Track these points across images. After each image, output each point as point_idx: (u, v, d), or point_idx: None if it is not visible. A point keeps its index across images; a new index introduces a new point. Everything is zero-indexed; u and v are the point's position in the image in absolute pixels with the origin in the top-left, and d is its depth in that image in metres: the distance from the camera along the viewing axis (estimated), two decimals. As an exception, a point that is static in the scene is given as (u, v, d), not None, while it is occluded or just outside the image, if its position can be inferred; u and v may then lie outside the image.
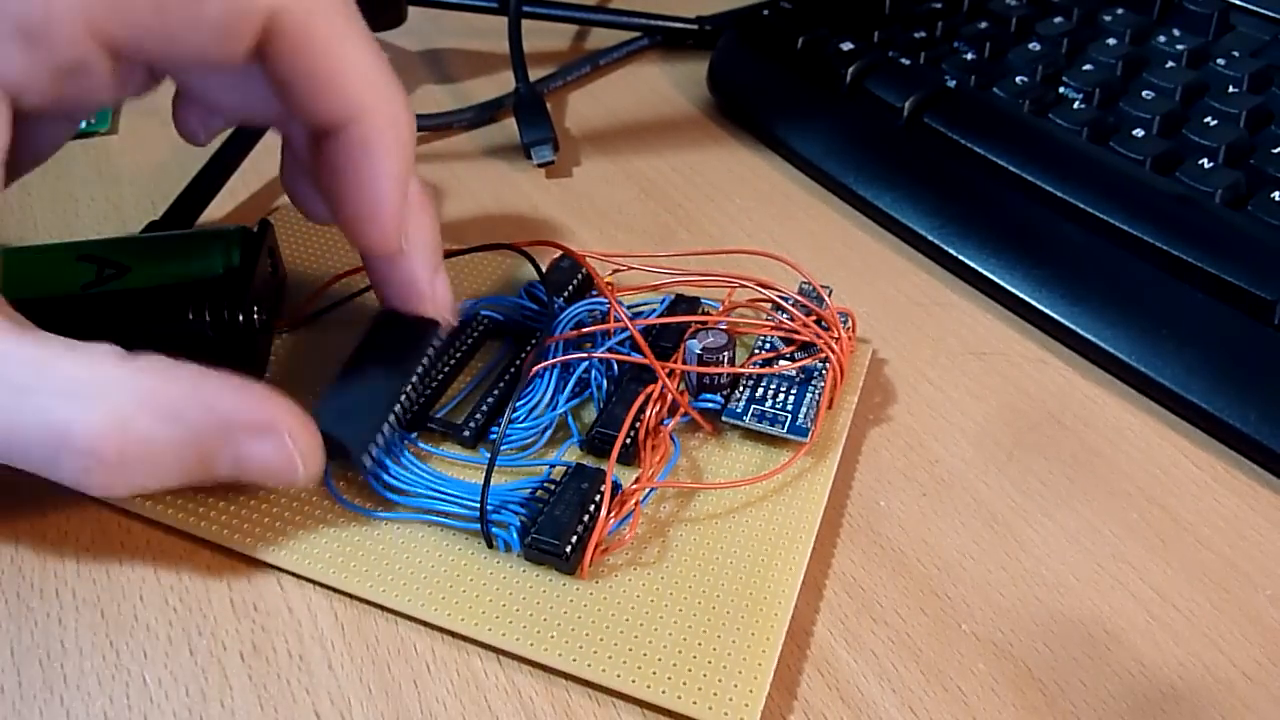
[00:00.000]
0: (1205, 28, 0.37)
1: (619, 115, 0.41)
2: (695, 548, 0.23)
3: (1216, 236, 0.28)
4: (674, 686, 0.20)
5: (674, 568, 0.22)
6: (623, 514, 0.22)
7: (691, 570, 0.22)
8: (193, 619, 0.22)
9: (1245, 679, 0.21)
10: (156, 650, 0.21)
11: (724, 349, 0.25)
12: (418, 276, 0.25)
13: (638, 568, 0.22)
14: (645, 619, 0.21)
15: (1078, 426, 0.27)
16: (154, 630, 0.22)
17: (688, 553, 0.23)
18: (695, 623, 0.21)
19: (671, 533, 0.23)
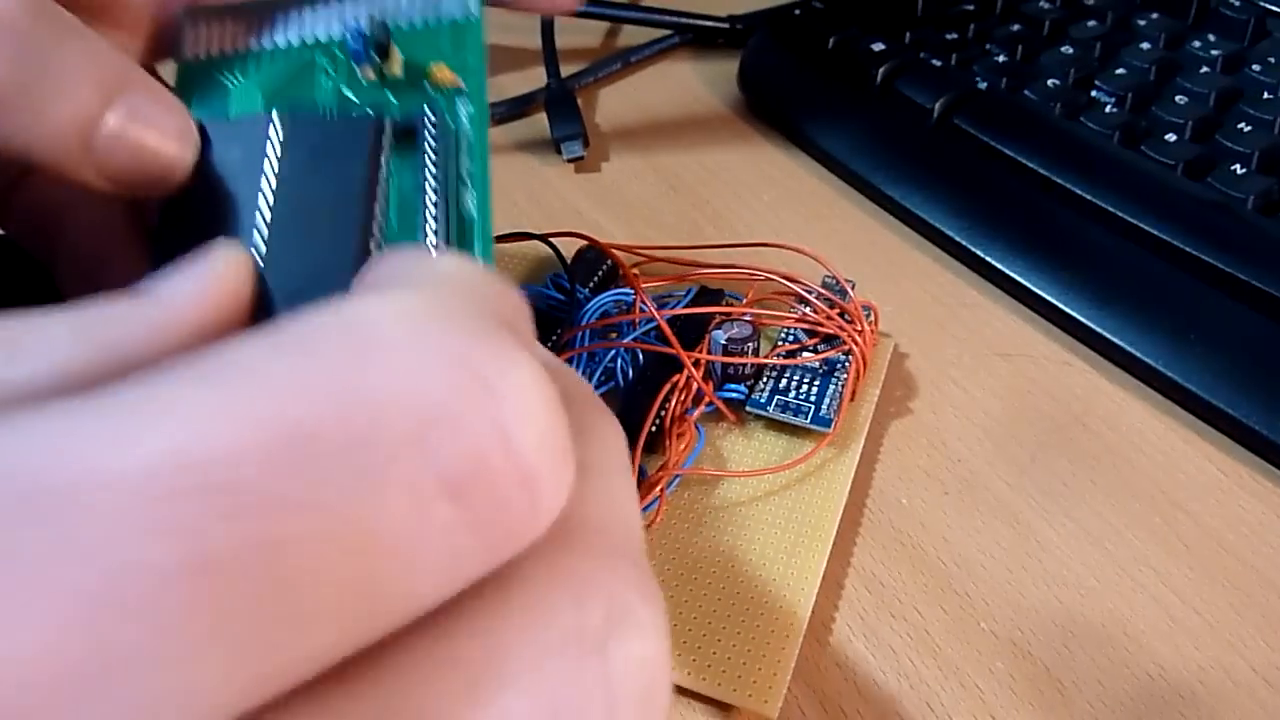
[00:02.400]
0: (1241, 33, 0.37)
1: (649, 112, 0.41)
2: (719, 536, 0.23)
3: (1247, 242, 0.28)
4: (697, 669, 0.20)
5: (698, 555, 0.22)
6: (647, 501, 0.23)
7: (715, 558, 0.22)
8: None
9: (1266, 685, 0.21)
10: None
11: (749, 340, 0.25)
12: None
13: (662, 554, 0.22)
14: (668, 604, 0.21)
15: (1102, 429, 0.27)
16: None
17: (711, 540, 0.23)
18: (718, 611, 0.21)
19: (696, 520, 0.23)
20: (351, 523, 0.09)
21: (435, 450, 0.09)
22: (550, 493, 0.10)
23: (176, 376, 0.09)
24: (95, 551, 0.08)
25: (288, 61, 0.20)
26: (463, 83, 0.20)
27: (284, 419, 0.09)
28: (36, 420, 0.09)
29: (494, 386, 0.10)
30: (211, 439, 0.09)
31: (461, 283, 0.12)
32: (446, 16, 0.20)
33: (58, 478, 0.09)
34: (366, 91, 0.20)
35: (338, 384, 0.09)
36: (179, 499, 0.09)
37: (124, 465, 0.09)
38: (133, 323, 0.14)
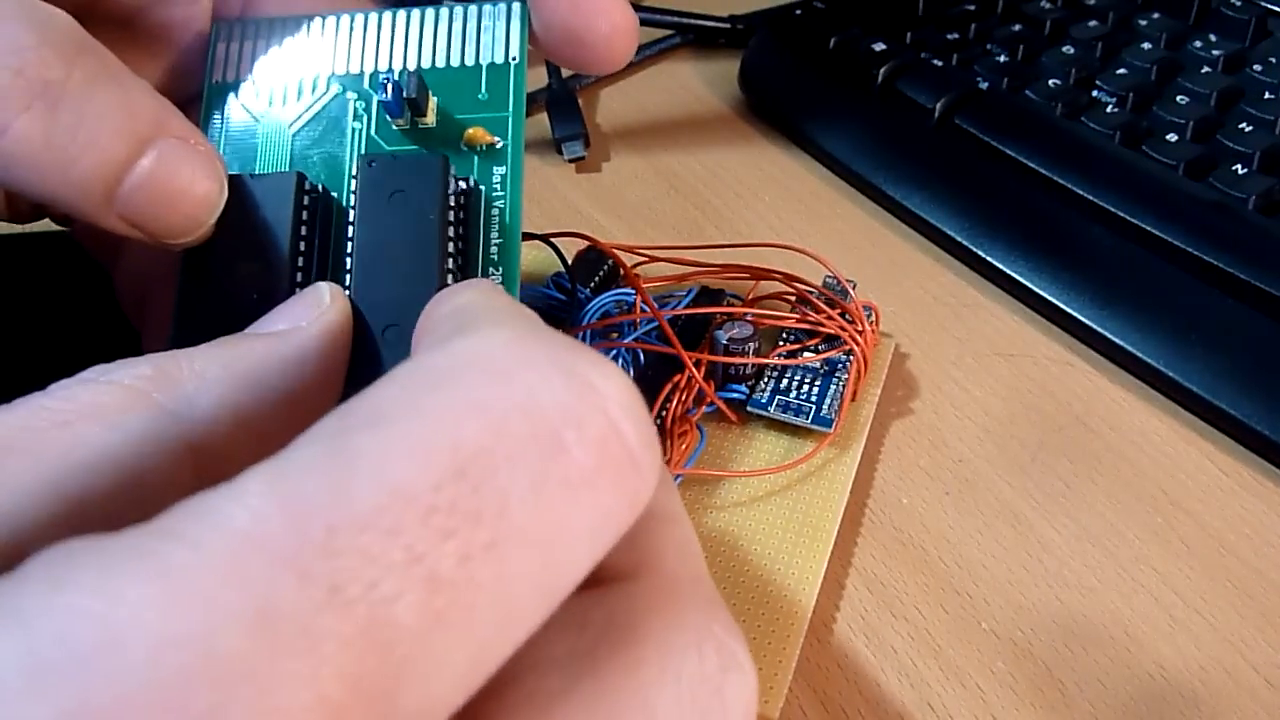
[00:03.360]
0: (1242, 33, 0.37)
1: (650, 112, 0.41)
2: (719, 536, 0.23)
3: (1248, 242, 0.28)
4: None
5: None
6: (646, 502, 0.23)
7: (715, 558, 0.22)
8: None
9: (1267, 685, 0.21)
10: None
11: (749, 340, 0.25)
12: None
13: (659, 556, 0.22)
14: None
15: (1103, 429, 0.27)
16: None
17: (712, 541, 0.23)
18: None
19: (696, 520, 0.23)
20: (534, 520, 0.11)
21: (574, 445, 0.11)
22: (650, 464, 0.12)
23: (352, 427, 0.11)
24: (393, 568, 0.10)
25: (315, 95, 0.20)
26: (497, 139, 0.19)
27: (457, 442, 0.11)
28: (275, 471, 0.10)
29: (597, 386, 0.12)
30: (409, 471, 0.10)
31: (527, 312, 0.15)
32: (485, 59, 0.20)
33: (328, 502, 0.10)
34: (398, 139, 0.20)
35: (488, 405, 0.11)
36: (403, 531, 0.10)
37: (358, 507, 0.10)
38: (272, 360, 0.16)
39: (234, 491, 0.10)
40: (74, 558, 0.10)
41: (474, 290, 0.15)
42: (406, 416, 0.11)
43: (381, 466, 0.10)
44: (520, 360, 0.12)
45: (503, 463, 0.11)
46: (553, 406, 0.11)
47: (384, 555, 0.10)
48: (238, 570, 0.09)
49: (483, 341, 0.12)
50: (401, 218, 0.18)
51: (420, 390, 0.11)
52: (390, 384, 0.12)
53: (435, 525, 0.10)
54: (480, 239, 0.19)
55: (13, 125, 0.16)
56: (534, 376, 0.12)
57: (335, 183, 0.20)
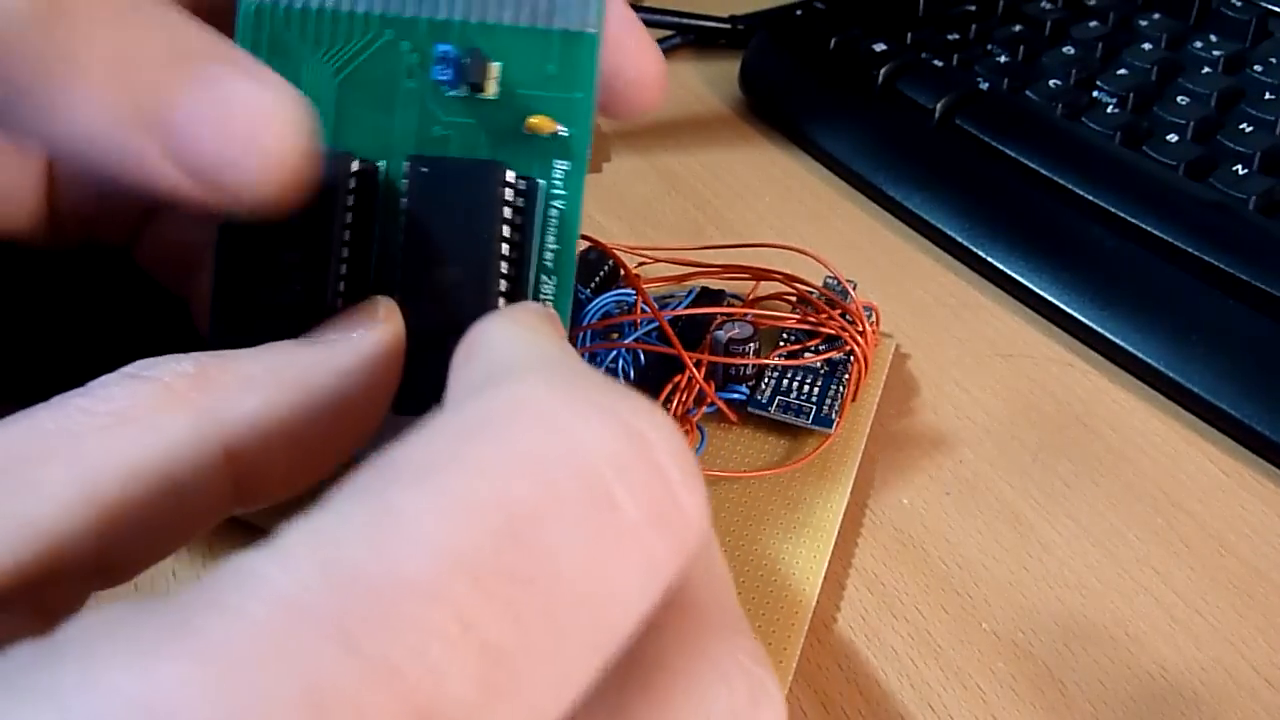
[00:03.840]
0: (1243, 34, 0.37)
1: (650, 112, 0.41)
2: (720, 536, 0.23)
3: (1249, 243, 0.28)
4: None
5: (696, 557, 0.22)
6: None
7: (713, 560, 0.22)
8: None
9: (1268, 685, 0.21)
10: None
11: (749, 340, 0.25)
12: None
13: (660, 556, 0.22)
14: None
15: (1104, 430, 0.27)
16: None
17: (710, 543, 0.23)
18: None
19: (694, 523, 0.23)
20: (586, 579, 0.10)
21: (623, 497, 0.11)
22: (697, 513, 0.12)
23: (394, 483, 0.10)
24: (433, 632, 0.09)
25: (365, 39, 0.17)
26: (562, 127, 0.17)
27: (506, 500, 0.10)
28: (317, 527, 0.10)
29: (645, 434, 0.11)
30: (458, 533, 0.10)
31: (569, 350, 0.14)
32: (559, 26, 0.17)
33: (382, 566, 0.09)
34: (454, 108, 0.17)
35: (535, 459, 0.11)
36: (453, 597, 0.09)
37: (406, 572, 0.09)
38: (319, 370, 0.15)
39: (275, 554, 0.10)
40: (112, 630, 0.09)
41: (515, 324, 0.15)
42: (451, 471, 0.10)
43: (429, 527, 0.10)
44: (566, 408, 0.11)
45: (553, 521, 0.10)
46: (601, 458, 0.11)
47: (435, 624, 0.09)
48: (282, 644, 0.09)
49: (526, 388, 0.12)
50: (453, 232, 0.17)
51: (464, 442, 0.11)
52: (432, 433, 0.11)
53: (487, 590, 0.10)
54: (535, 243, 0.17)
55: (23, 43, 0.13)
56: (581, 425, 0.11)
57: (381, 151, 0.17)
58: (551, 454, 0.11)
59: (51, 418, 0.13)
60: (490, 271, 0.17)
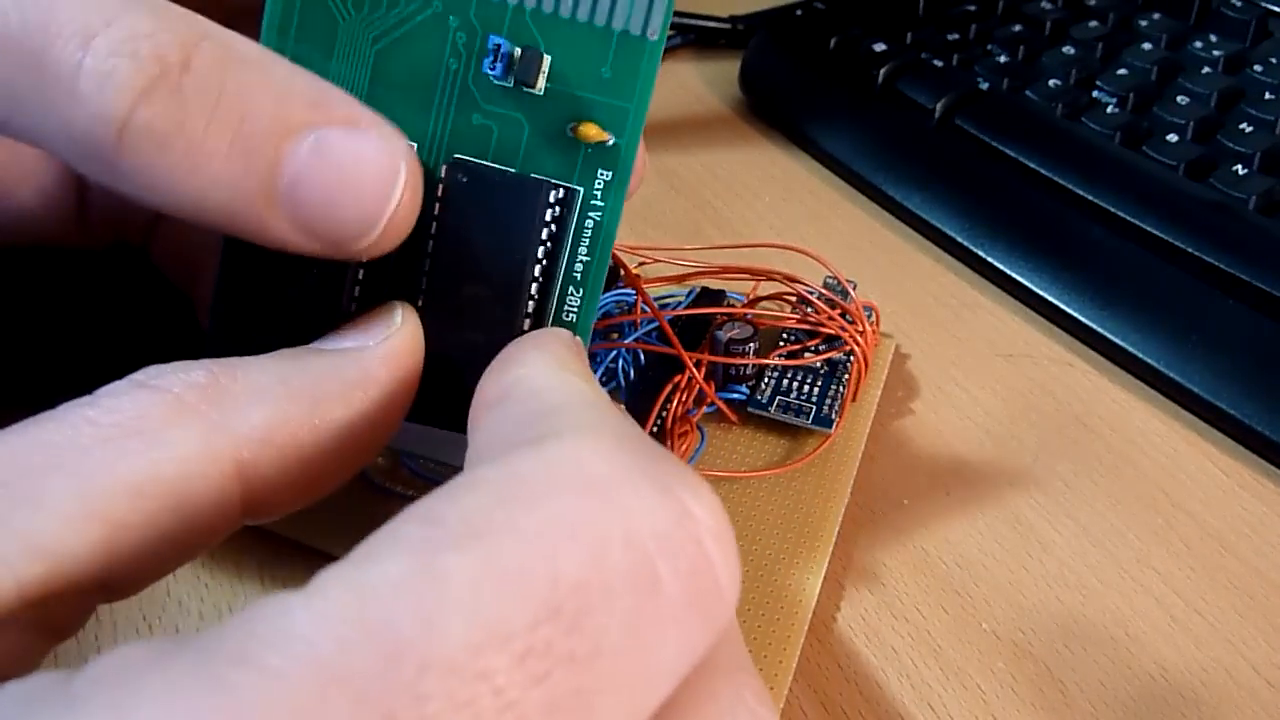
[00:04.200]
0: (1243, 34, 0.37)
1: (650, 112, 0.40)
2: (717, 538, 0.23)
3: (1249, 243, 0.28)
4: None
5: (696, 557, 0.22)
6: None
7: (713, 560, 0.22)
8: (223, 595, 0.22)
9: (1268, 686, 0.21)
10: (188, 625, 0.22)
11: (749, 340, 0.25)
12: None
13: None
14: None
15: (1104, 430, 0.27)
16: (185, 605, 0.22)
17: (710, 543, 0.23)
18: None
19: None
20: (626, 661, 0.10)
21: (666, 580, 0.11)
22: (732, 595, 0.12)
23: (442, 544, 0.10)
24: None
25: (411, 12, 0.16)
26: (610, 136, 0.16)
27: (555, 574, 0.10)
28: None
29: (692, 511, 0.11)
30: (506, 606, 0.10)
31: (601, 393, 0.14)
32: (619, 26, 0.16)
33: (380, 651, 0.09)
34: (497, 97, 0.16)
35: (587, 532, 0.10)
36: (495, 673, 0.09)
37: (452, 644, 0.09)
38: (332, 379, 0.15)
39: (313, 608, 0.09)
40: (140, 679, 0.09)
41: (552, 361, 0.14)
42: (502, 538, 0.10)
43: (477, 598, 0.10)
44: (619, 478, 0.11)
45: (599, 600, 0.10)
46: (650, 536, 0.11)
47: (474, 701, 0.09)
48: (319, 710, 0.09)
49: (578, 449, 0.11)
50: (487, 248, 0.16)
51: (515, 507, 0.11)
52: (480, 491, 0.11)
53: (529, 669, 0.09)
54: (565, 253, 0.17)
55: (133, 116, 0.13)
56: (632, 499, 0.11)
57: (413, 134, 0.16)
58: (602, 528, 0.11)
59: (57, 429, 0.13)
60: (522, 292, 0.16)
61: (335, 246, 0.14)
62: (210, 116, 0.13)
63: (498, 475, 0.11)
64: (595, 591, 0.10)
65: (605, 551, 0.10)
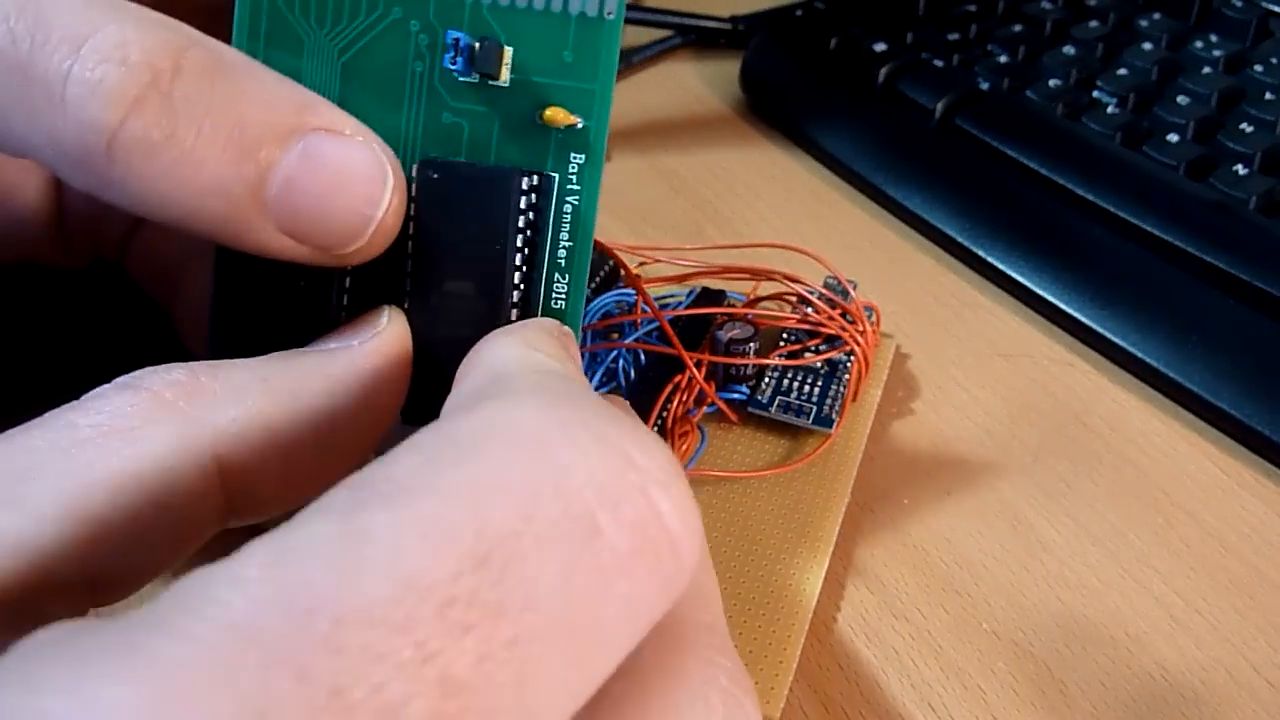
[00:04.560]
0: (1243, 34, 0.37)
1: (651, 113, 0.41)
2: (721, 536, 0.23)
3: (1249, 243, 0.28)
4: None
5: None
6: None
7: (716, 558, 0.22)
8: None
9: (1268, 685, 0.21)
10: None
11: (750, 340, 0.25)
12: None
13: (660, 556, 0.22)
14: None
15: (1104, 430, 0.27)
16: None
17: (712, 542, 0.23)
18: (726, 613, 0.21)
19: (694, 523, 0.23)
20: (563, 613, 0.10)
21: (607, 529, 0.10)
22: (689, 548, 0.11)
23: (365, 502, 0.10)
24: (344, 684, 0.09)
25: (372, 16, 0.16)
26: (579, 119, 0.16)
27: (480, 525, 0.10)
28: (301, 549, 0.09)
29: (636, 461, 0.11)
30: (426, 558, 0.09)
31: (567, 372, 0.14)
32: (575, 9, 0.16)
33: (318, 601, 0.09)
34: (463, 93, 0.17)
35: (516, 483, 0.10)
36: (415, 625, 0.09)
37: (368, 598, 0.09)
38: (315, 377, 0.15)
39: (233, 573, 0.09)
40: (53, 652, 0.09)
41: (519, 342, 0.14)
42: (426, 493, 0.10)
43: (396, 551, 0.09)
44: (553, 432, 0.11)
45: (530, 549, 0.10)
46: (587, 485, 0.10)
47: (393, 653, 0.09)
48: (230, 670, 0.08)
49: (514, 409, 0.11)
50: (465, 243, 0.16)
51: (442, 463, 0.10)
52: (411, 452, 0.11)
53: (452, 619, 0.09)
54: (548, 241, 0.17)
55: (123, 125, 0.13)
56: (567, 451, 0.11)
57: (388, 138, 0.16)
58: (534, 479, 0.10)
59: (41, 434, 0.13)
60: (504, 284, 0.16)
61: (325, 252, 0.15)
62: (200, 124, 0.13)
63: (428, 438, 0.11)
64: (527, 541, 0.10)
65: (536, 501, 0.10)
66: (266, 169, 0.14)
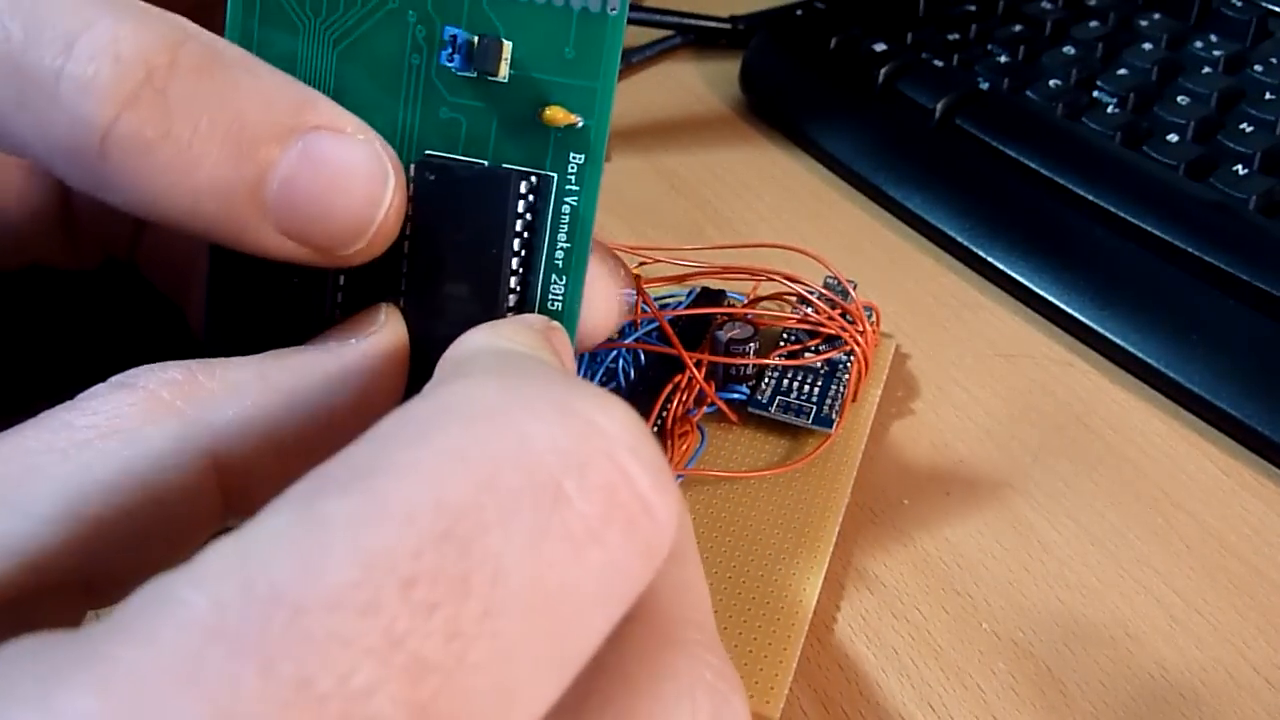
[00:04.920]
0: (1243, 34, 0.37)
1: (651, 112, 0.41)
2: (721, 536, 0.23)
3: (1249, 243, 0.28)
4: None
5: (699, 555, 0.22)
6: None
7: (716, 558, 0.22)
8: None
9: (1268, 685, 0.21)
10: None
11: (750, 340, 0.25)
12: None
13: (660, 556, 0.22)
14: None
15: (1104, 430, 0.27)
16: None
17: (712, 542, 0.23)
18: (720, 611, 0.21)
19: (696, 521, 0.23)
20: (534, 584, 0.09)
21: (574, 495, 0.10)
22: (665, 513, 0.11)
23: (324, 491, 0.10)
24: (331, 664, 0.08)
25: (368, 10, 0.16)
26: (579, 118, 0.16)
27: (440, 500, 0.09)
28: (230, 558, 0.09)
29: (600, 425, 0.10)
30: (385, 537, 0.09)
31: (537, 356, 0.13)
32: (578, 4, 0.16)
33: (287, 590, 0.09)
34: (461, 88, 0.16)
35: (474, 455, 0.10)
36: (379, 608, 0.09)
37: (328, 583, 0.09)
38: (313, 375, 0.14)
39: (194, 573, 0.09)
40: (18, 661, 0.09)
41: (488, 332, 0.14)
42: (384, 474, 0.10)
43: (353, 534, 0.09)
44: (514, 403, 0.10)
45: (494, 521, 0.09)
46: (549, 452, 0.10)
47: (358, 638, 0.08)
48: (194, 669, 0.08)
49: (471, 385, 0.11)
50: (462, 245, 0.16)
51: (398, 443, 0.10)
52: (368, 439, 0.10)
53: (417, 599, 0.09)
54: (545, 242, 0.16)
55: (116, 123, 0.13)
56: (526, 419, 0.10)
57: (384, 133, 0.16)
58: (492, 449, 0.10)
59: (36, 435, 0.13)
60: (500, 286, 0.16)
61: (324, 253, 0.14)
62: (197, 122, 0.13)
63: (385, 424, 0.11)
64: (489, 512, 0.09)
65: (496, 471, 0.10)
66: (265, 168, 0.13)
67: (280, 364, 0.15)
